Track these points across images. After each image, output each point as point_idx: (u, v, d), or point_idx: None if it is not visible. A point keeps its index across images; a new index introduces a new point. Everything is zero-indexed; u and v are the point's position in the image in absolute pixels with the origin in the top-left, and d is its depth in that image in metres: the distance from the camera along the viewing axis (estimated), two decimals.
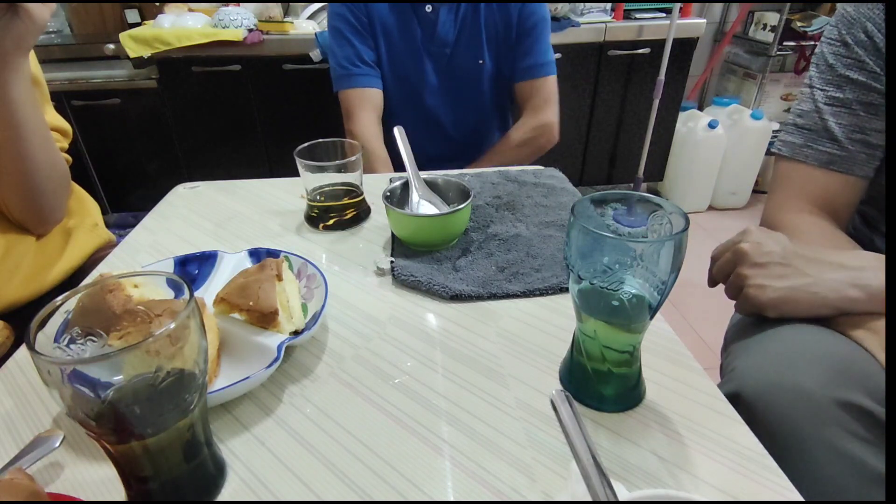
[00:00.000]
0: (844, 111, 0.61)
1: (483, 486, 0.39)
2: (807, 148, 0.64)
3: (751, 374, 0.49)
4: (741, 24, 2.50)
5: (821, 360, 0.47)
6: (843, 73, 0.61)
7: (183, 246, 0.71)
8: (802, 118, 0.65)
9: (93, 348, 0.34)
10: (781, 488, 0.38)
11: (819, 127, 0.63)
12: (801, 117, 0.65)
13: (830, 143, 0.62)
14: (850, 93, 0.60)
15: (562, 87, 2.21)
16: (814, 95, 0.64)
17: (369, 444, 0.42)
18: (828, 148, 0.62)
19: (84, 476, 0.40)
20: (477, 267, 0.64)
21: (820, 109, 0.63)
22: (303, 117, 2.04)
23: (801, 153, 0.65)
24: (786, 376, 0.47)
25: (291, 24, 1.93)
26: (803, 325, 0.53)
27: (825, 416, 0.45)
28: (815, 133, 0.63)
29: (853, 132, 0.61)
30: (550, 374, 0.49)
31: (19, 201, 0.70)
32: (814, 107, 0.63)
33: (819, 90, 0.63)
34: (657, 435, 0.42)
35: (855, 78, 0.60)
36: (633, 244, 0.36)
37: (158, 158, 2.11)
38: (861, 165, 0.62)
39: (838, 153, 0.62)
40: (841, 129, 0.61)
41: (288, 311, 0.51)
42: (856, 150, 0.61)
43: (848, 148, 0.61)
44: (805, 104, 0.65)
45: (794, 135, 0.66)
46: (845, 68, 0.60)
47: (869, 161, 0.61)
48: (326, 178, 0.73)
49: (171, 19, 1.92)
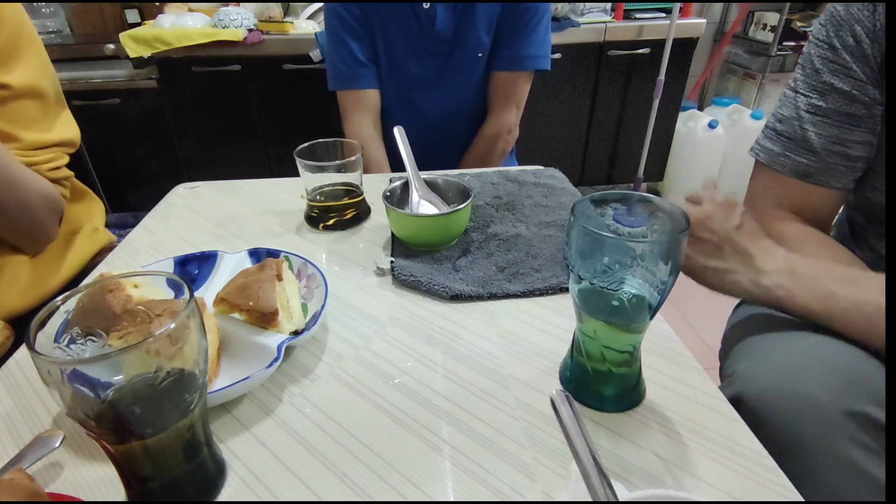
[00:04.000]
0: (825, 121, 0.60)
1: (483, 486, 0.39)
2: (784, 157, 0.63)
3: (754, 378, 0.49)
4: (741, 24, 2.50)
5: (829, 369, 0.47)
6: (828, 80, 0.59)
7: (183, 246, 0.71)
8: (783, 124, 0.64)
9: (93, 348, 0.34)
10: (781, 488, 0.38)
11: (798, 136, 0.62)
12: (781, 123, 0.64)
13: (808, 154, 0.61)
14: (833, 102, 0.59)
15: (562, 87, 2.21)
16: (796, 101, 0.62)
17: (369, 444, 0.42)
18: (804, 159, 0.62)
19: (84, 476, 0.40)
20: (477, 267, 0.64)
21: (801, 118, 0.62)
22: (303, 117, 2.04)
23: (777, 162, 0.64)
24: (792, 383, 0.47)
25: (291, 24, 1.93)
26: (808, 332, 0.53)
27: (833, 424, 0.44)
28: (793, 142, 0.62)
29: (832, 143, 0.60)
30: (550, 374, 0.49)
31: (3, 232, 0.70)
32: (795, 114, 0.62)
33: (803, 96, 0.62)
34: (657, 435, 0.42)
35: (839, 87, 0.58)
36: (633, 244, 0.36)
37: (158, 158, 2.11)
38: (838, 178, 0.61)
39: (815, 165, 0.61)
40: (820, 141, 0.60)
41: (288, 311, 0.51)
42: (833, 161, 0.60)
43: (825, 160, 0.61)
44: (787, 109, 0.64)
45: (773, 140, 0.65)
46: (831, 75, 0.59)
47: (847, 173, 0.61)
48: (326, 178, 0.73)
49: (171, 19, 1.92)
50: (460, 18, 1.04)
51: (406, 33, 1.04)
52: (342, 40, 1.05)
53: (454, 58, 1.07)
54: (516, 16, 1.04)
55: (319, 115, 2.02)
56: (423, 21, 1.03)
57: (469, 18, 1.04)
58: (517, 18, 1.05)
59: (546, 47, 1.10)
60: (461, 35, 1.05)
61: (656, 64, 2.08)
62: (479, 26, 1.05)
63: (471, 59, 1.08)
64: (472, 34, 1.05)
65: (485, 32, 1.05)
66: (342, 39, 1.05)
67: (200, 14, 1.98)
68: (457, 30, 1.05)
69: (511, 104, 1.12)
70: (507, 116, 1.13)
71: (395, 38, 1.05)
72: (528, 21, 1.05)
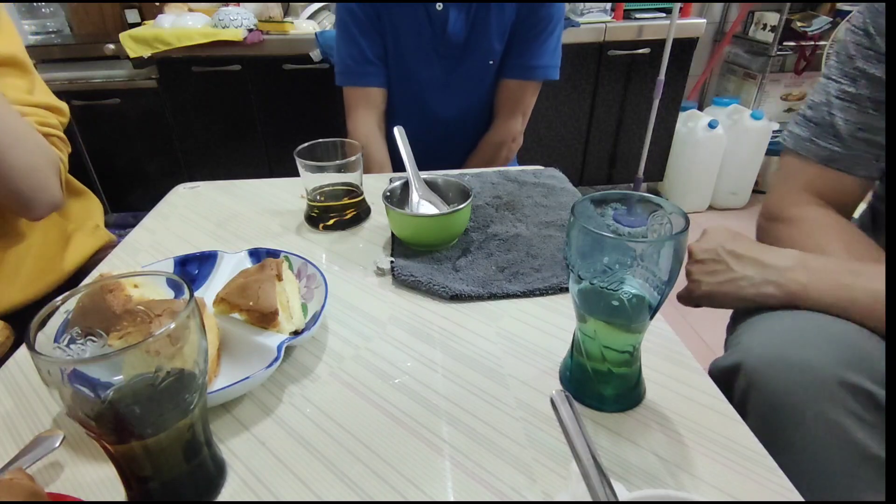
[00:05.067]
0: (854, 107, 0.60)
1: (483, 486, 0.39)
2: (810, 142, 0.63)
3: (754, 347, 0.51)
4: (741, 24, 2.50)
5: (828, 340, 0.48)
6: (860, 65, 0.59)
7: (183, 246, 0.71)
8: (812, 110, 0.64)
9: (93, 348, 0.34)
10: (781, 488, 0.38)
11: (826, 122, 0.62)
12: (811, 109, 0.64)
13: (834, 141, 0.61)
14: (863, 88, 0.59)
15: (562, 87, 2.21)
16: (827, 87, 0.62)
17: (369, 444, 0.42)
18: (830, 144, 0.61)
19: (84, 476, 0.40)
20: (477, 267, 0.64)
21: (830, 103, 0.61)
22: (303, 117, 2.04)
23: (803, 147, 0.64)
24: (790, 352, 0.48)
25: (291, 24, 1.93)
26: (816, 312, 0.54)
27: (826, 392, 0.46)
28: (820, 127, 0.62)
29: (859, 130, 0.59)
30: (550, 374, 0.49)
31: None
32: (825, 99, 0.62)
33: (834, 82, 0.61)
34: (657, 435, 0.42)
35: (871, 73, 0.58)
36: (633, 244, 0.36)
37: (158, 158, 2.11)
38: (864, 166, 0.61)
39: (840, 151, 0.61)
40: (847, 127, 0.60)
41: (288, 311, 0.51)
42: (860, 149, 0.60)
43: (851, 146, 0.60)
44: (818, 95, 0.64)
45: (801, 126, 0.65)
46: (864, 60, 0.58)
47: (873, 161, 0.60)
48: (326, 178, 0.73)
49: (171, 19, 1.92)
50: (473, 24, 1.03)
51: (417, 34, 1.04)
52: (353, 37, 1.04)
53: (464, 62, 1.06)
54: (531, 25, 1.04)
55: (319, 115, 2.03)
56: (434, 23, 1.02)
57: (482, 24, 1.03)
58: (531, 28, 1.04)
59: (557, 57, 1.09)
60: (473, 40, 1.04)
61: (656, 64, 2.08)
62: (492, 33, 1.04)
63: (481, 64, 1.07)
64: (484, 40, 1.04)
65: (497, 39, 1.05)
66: (353, 36, 1.04)
67: (200, 14, 1.98)
68: (469, 35, 1.04)
69: (518, 113, 1.12)
70: (513, 124, 1.12)
71: (406, 39, 1.04)
72: (542, 31, 1.04)
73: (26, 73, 0.73)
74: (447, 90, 1.10)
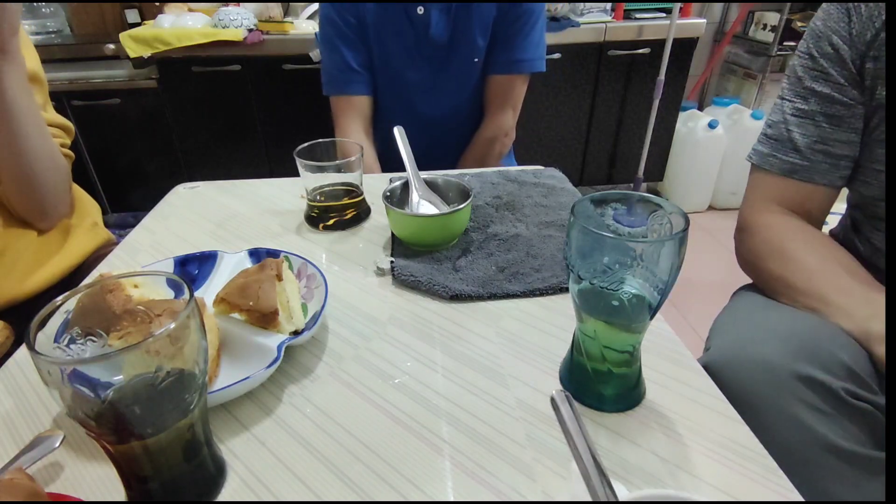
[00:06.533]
0: (808, 122, 0.65)
1: (483, 486, 0.39)
2: (772, 157, 0.68)
3: (719, 348, 0.55)
4: (741, 24, 2.50)
5: (783, 337, 0.53)
6: (809, 85, 0.65)
7: (183, 246, 0.71)
8: (771, 128, 0.69)
9: (93, 348, 0.34)
10: (781, 488, 0.38)
11: (784, 137, 0.67)
12: (770, 127, 0.69)
13: (794, 154, 0.66)
14: (814, 105, 0.64)
15: (562, 87, 2.21)
16: (783, 107, 0.68)
17: (369, 444, 0.42)
18: (791, 158, 0.67)
19: (84, 476, 0.40)
20: (477, 267, 0.64)
21: (787, 121, 0.67)
22: (303, 117, 2.04)
23: (766, 161, 0.69)
24: (749, 351, 0.53)
25: (291, 24, 1.93)
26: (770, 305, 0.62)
27: (783, 386, 0.49)
28: (780, 143, 0.68)
29: (815, 143, 0.65)
30: (550, 374, 0.49)
31: (19, 194, 0.71)
32: (782, 118, 0.68)
33: (788, 101, 0.67)
34: (657, 435, 0.42)
35: (819, 90, 0.64)
36: (633, 244, 0.36)
37: (158, 158, 2.11)
38: (823, 174, 0.66)
39: (800, 163, 0.66)
40: (804, 140, 0.65)
41: (288, 311, 0.51)
42: (817, 160, 0.65)
43: (809, 158, 0.65)
44: (775, 115, 0.69)
45: (763, 144, 0.70)
46: (812, 80, 0.64)
47: (831, 170, 0.65)
48: (326, 178, 0.73)
49: (171, 19, 1.92)
50: (455, 24, 1.04)
51: (401, 39, 1.05)
52: (335, 47, 1.06)
53: (450, 62, 1.07)
54: (512, 20, 1.04)
55: (319, 115, 2.02)
56: (417, 26, 1.03)
57: (464, 24, 1.04)
58: (513, 23, 1.05)
59: (541, 49, 1.10)
60: (456, 40, 1.05)
61: (656, 64, 2.08)
62: (475, 31, 1.05)
63: (467, 63, 1.08)
64: (468, 38, 1.05)
65: (480, 37, 1.05)
66: (335, 46, 1.06)
67: (200, 14, 1.98)
68: (452, 35, 1.05)
69: (507, 107, 1.12)
70: (503, 119, 1.13)
71: (390, 44, 1.05)
72: (524, 25, 1.05)
73: (43, 90, 0.76)
74: (435, 91, 1.10)
